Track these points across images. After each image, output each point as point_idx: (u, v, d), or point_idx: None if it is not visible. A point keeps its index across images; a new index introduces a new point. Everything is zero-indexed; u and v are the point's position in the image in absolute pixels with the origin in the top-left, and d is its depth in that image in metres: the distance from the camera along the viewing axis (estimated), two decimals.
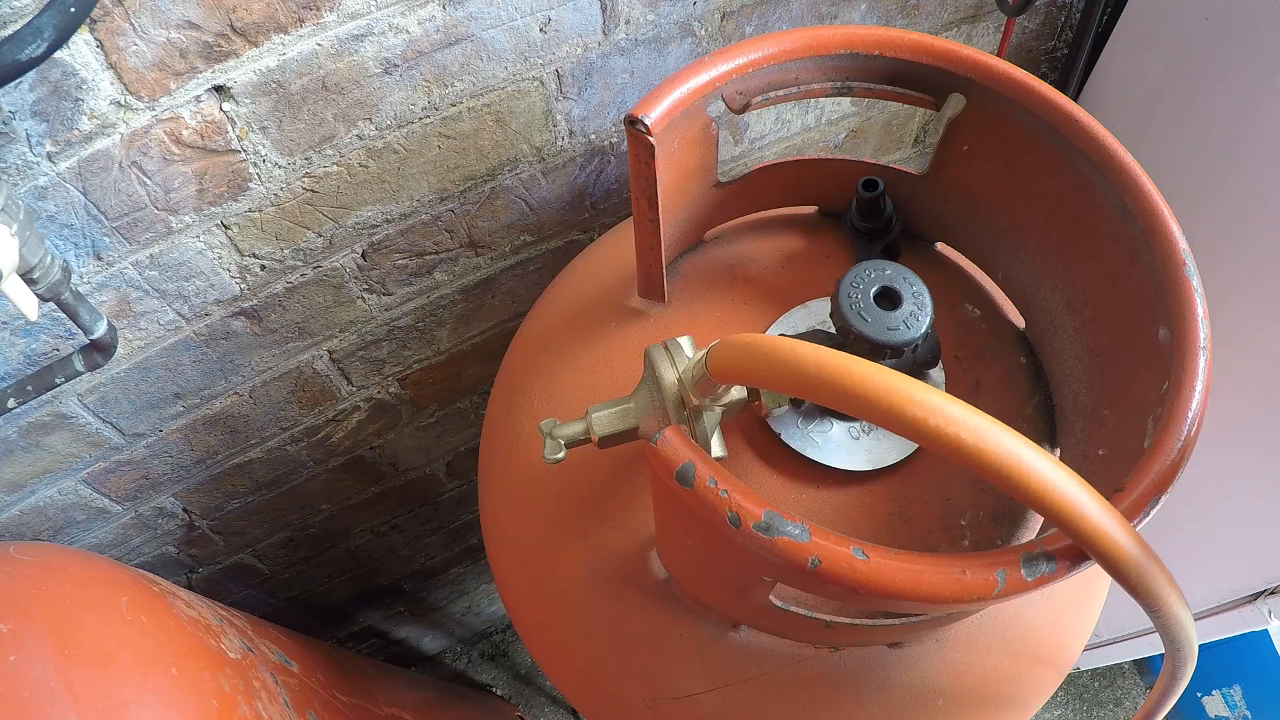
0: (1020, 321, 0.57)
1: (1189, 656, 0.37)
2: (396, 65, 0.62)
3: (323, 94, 0.61)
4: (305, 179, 0.66)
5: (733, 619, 0.49)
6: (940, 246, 0.61)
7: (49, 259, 0.52)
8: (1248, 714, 1.25)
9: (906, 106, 0.84)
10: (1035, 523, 0.50)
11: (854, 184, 0.57)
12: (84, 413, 0.73)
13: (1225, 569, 1.00)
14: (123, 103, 0.54)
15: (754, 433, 0.51)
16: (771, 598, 0.40)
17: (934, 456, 0.51)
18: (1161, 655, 0.42)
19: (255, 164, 0.63)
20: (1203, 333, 0.39)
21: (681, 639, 0.50)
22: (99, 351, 0.61)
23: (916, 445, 0.50)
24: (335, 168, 0.67)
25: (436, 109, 0.67)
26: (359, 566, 1.24)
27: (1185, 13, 0.83)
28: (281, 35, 0.56)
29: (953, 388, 0.53)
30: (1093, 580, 0.57)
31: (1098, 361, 0.47)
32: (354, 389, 0.90)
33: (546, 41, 0.67)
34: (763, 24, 0.78)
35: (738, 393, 0.42)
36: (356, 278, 0.77)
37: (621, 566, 0.51)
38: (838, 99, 0.92)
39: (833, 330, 0.48)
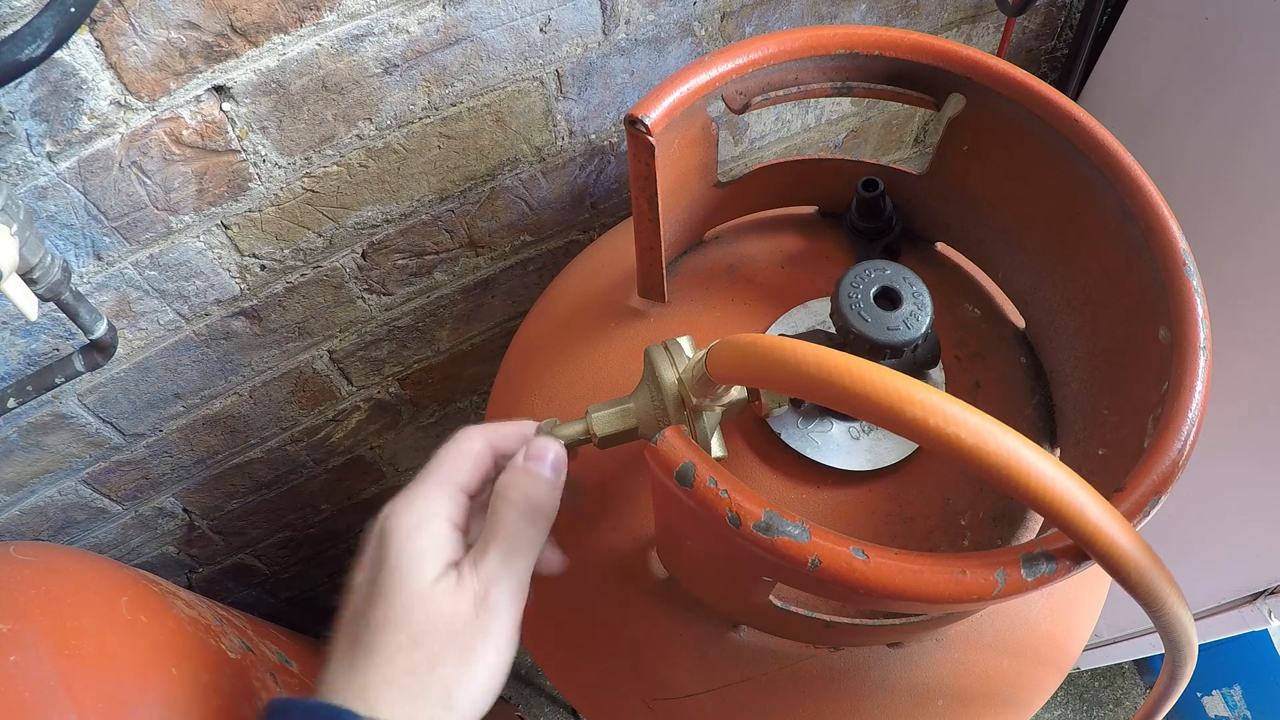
0: (1020, 321, 0.57)
1: (1189, 656, 0.37)
2: (396, 65, 0.62)
3: (323, 94, 0.61)
4: (305, 179, 0.66)
5: (733, 619, 0.49)
6: (940, 246, 0.61)
7: (49, 259, 0.52)
8: (1248, 714, 1.25)
9: (906, 106, 0.84)
10: (1035, 523, 0.50)
11: (854, 184, 0.57)
12: (84, 413, 0.73)
13: (1225, 569, 1.00)
14: (123, 103, 0.54)
15: (754, 433, 0.51)
16: (771, 598, 0.40)
17: (934, 456, 0.51)
18: (1161, 655, 0.42)
19: (255, 164, 0.63)
20: (1203, 333, 0.39)
21: (681, 639, 0.50)
22: (99, 351, 0.61)
23: (916, 445, 0.50)
24: (335, 168, 0.67)
25: (436, 109, 0.67)
26: None
27: (1185, 13, 0.83)
28: (281, 35, 0.56)
29: (953, 388, 0.53)
30: (1093, 580, 0.57)
31: (1098, 361, 0.47)
32: (354, 389, 0.90)
33: (546, 41, 0.67)
34: (763, 24, 0.78)
35: (738, 393, 0.42)
36: (356, 278, 0.77)
37: (621, 566, 0.51)
38: (838, 99, 0.92)
39: (833, 330, 0.48)
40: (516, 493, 0.37)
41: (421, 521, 0.36)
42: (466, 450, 0.40)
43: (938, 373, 0.53)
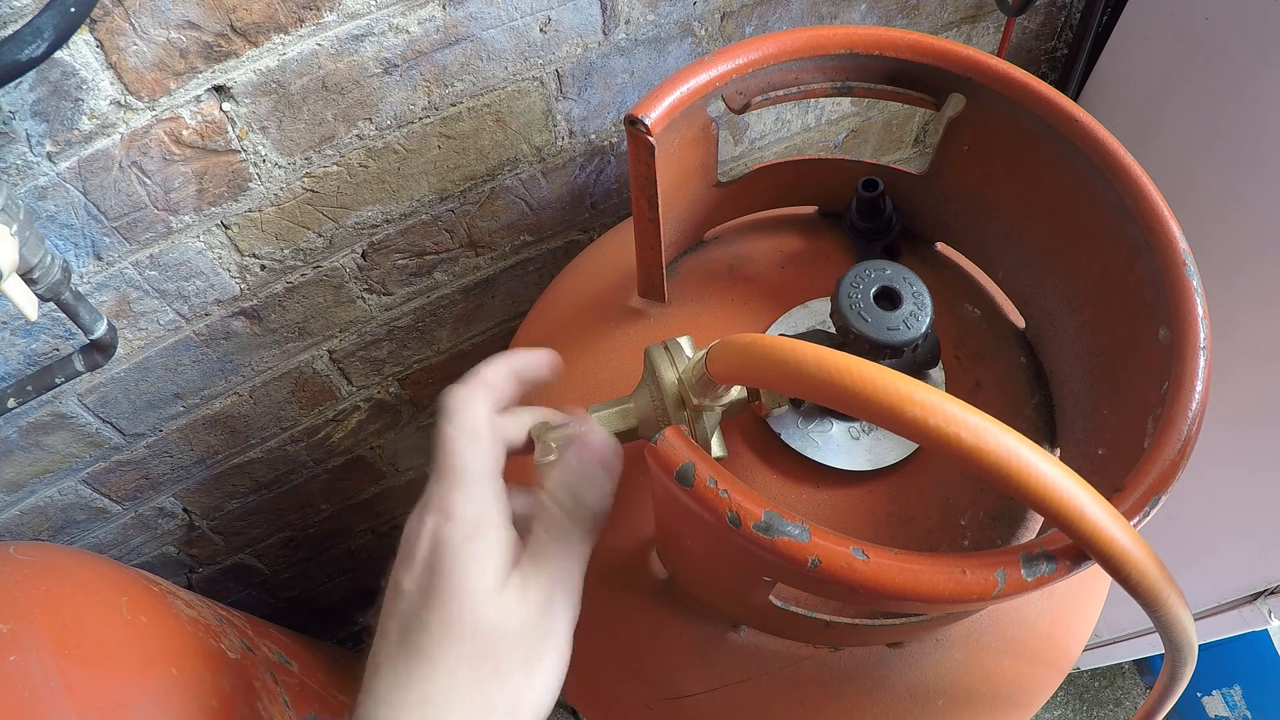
0: (1020, 321, 0.57)
1: (1189, 656, 0.37)
2: (396, 65, 0.62)
3: (323, 94, 0.61)
4: (305, 179, 0.66)
5: (733, 619, 0.49)
6: (940, 246, 0.61)
7: (49, 259, 0.52)
8: (1248, 714, 1.25)
9: (906, 106, 0.84)
10: (1035, 523, 0.50)
11: (854, 184, 0.57)
12: (84, 413, 0.73)
13: (1225, 569, 1.00)
14: (123, 103, 0.54)
15: (754, 433, 0.51)
16: (771, 598, 0.40)
17: (934, 456, 0.51)
18: (1161, 655, 0.42)
19: (255, 164, 0.63)
20: (1203, 333, 0.39)
21: (681, 639, 0.50)
22: (99, 351, 0.61)
23: (916, 445, 0.50)
24: (335, 168, 0.67)
25: (436, 109, 0.67)
26: (359, 566, 1.24)
27: (1185, 13, 0.83)
28: (281, 35, 0.56)
29: (953, 388, 0.53)
30: (1093, 580, 0.57)
31: (1098, 361, 0.47)
32: (354, 389, 0.90)
33: (546, 41, 0.67)
34: (763, 24, 0.78)
35: (738, 393, 0.42)
36: (356, 278, 0.77)
37: (621, 566, 0.51)
38: (838, 99, 0.92)
39: (833, 330, 0.48)
40: (566, 493, 0.36)
41: (477, 529, 0.34)
42: (481, 430, 0.37)
43: (938, 373, 0.53)
